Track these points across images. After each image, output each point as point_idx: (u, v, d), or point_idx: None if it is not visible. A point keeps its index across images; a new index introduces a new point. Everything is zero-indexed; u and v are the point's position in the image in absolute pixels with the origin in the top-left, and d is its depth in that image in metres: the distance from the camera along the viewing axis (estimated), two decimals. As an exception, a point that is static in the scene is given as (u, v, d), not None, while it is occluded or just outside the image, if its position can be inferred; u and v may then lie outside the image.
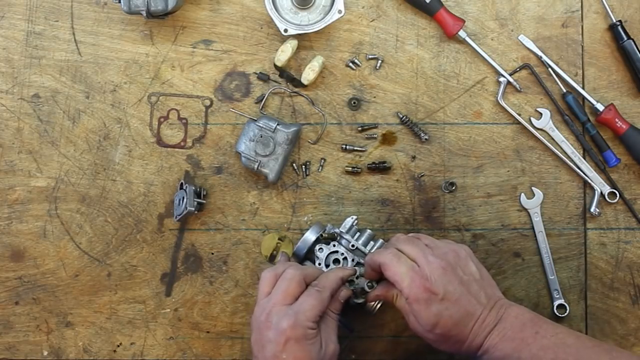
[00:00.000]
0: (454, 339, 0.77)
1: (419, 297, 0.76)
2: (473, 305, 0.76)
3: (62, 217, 0.97)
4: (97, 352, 0.97)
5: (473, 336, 0.76)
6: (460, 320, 0.76)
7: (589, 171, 0.97)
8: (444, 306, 0.75)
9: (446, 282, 0.76)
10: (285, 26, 0.94)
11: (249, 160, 0.94)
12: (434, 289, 0.75)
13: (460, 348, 0.77)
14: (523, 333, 0.75)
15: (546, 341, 0.74)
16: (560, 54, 0.98)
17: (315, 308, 0.77)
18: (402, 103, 0.98)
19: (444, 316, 0.75)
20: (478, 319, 0.76)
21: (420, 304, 0.76)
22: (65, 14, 0.99)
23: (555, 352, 0.73)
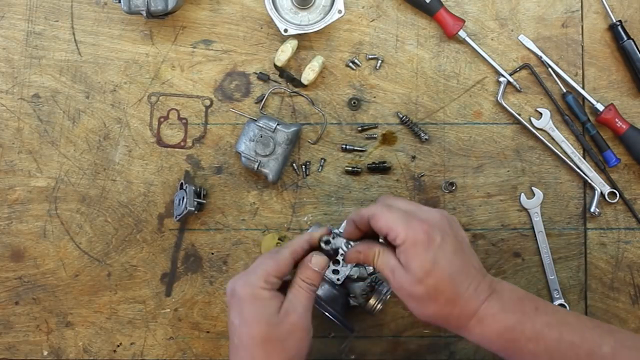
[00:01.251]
0: (445, 295, 0.67)
1: (417, 238, 0.67)
2: (469, 265, 0.69)
3: (62, 217, 0.97)
4: (97, 352, 0.97)
5: (467, 299, 0.68)
6: (455, 275, 0.68)
7: (589, 171, 0.97)
8: (442, 253, 0.67)
9: (444, 229, 0.68)
10: (285, 26, 0.94)
11: (249, 160, 0.94)
12: (432, 231, 0.67)
13: (451, 312, 0.68)
14: (523, 307, 0.69)
15: (548, 317, 0.68)
16: (560, 54, 0.98)
17: (266, 266, 0.72)
18: (402, 103, 0.98)
19: (441, 264, 0.67)
20: (474, 280, 0.68)
21: (417, 247, 0.67)
22: (65, 14, 0.99)
23: (560, 331, 0.67)
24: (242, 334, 0.71)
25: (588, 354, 0.66)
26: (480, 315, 0.68)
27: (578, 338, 0.67)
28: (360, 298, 0.87)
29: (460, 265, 0.68)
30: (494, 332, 0.68)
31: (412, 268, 0.67)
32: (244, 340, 0.70)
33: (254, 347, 0.70)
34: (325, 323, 0.94)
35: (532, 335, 0.67)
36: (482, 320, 0.68)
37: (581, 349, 0.66)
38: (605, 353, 0.66)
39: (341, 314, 0.86)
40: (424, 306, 0.69)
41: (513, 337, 0.67)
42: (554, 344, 0.67)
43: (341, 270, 0.86)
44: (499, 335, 0.68)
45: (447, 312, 0.68)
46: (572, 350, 0.66)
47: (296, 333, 0.71)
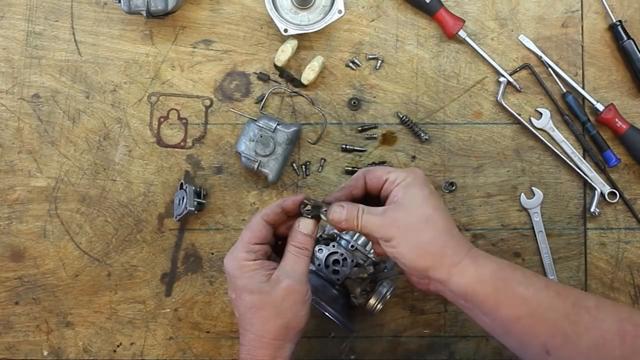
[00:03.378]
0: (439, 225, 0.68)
1: (416, 175, 0.70)
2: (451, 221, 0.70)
3: (62, 217, 0.97)
4: (97, 352, 0.97)
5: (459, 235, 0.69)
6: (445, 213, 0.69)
7: (589, 171, 0.97)
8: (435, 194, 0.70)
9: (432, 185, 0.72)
10: (285, 26, 0.94)
11: (249, 160, 0.94)
12: (426, 180, 0.71)
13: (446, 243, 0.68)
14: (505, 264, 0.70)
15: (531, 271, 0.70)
16: (560, 54, 0.98)
17: (243, 237, 0.73)
18: (402, 103, 0.98)
19: (435, 196, 0.70)
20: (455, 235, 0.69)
21: (418, 180, 0.69)
22: (65, 14, 0.99)
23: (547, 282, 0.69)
24: (239, 306, 0.73)
25: (574, 304, 0.67)
26: (474, 254, 0.68)
27: (563, 290, 0.68)
28: (360, 298, 0.87)
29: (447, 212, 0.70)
30: (487, 271, 0.68)
31: (414, 197, 0.69)
32: (242, 311, 0.73)
33: (251, 316, 0.72)
34: (325, 323, 0.94)
35: (523, 280, 0.68)
36: (476, 259, 0.68)
37: (567, 299, 0.67)
38: (589, 305, 0.67)
39: (341, 314, 0.86)
40: (418, 235, 0.68)
41: (505, 277, 0.68)
42: (543, 291, 0.67)
43: (341, 270, 0.86)
44: (492, 274, 0.67)
45: (442, 244, 0.68)
46: (559, 298, 0.67)
47: (290, 297, 0.72)
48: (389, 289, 0.88)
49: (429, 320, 0.96)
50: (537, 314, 0.67)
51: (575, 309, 0.66)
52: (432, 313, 0.96)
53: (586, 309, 0.66)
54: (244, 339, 0.73)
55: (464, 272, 0.67)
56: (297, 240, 0.74)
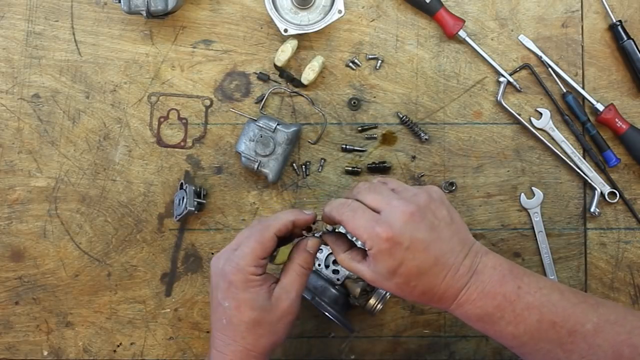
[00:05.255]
0: (419, 289, 0.68)
1: (380, 247, 0.66)
2: (445, 254, 0.67)
3: (62, 217, 0.97)
4: (97, 352, 0.97)
5: (444, 289, 0.68)
6: (429, 270, 0.67)
7: (589, 171, 0.97)
8: (410, 255, 0.66)
9: (413, 229, 0.66)
10: (285, 26, 0.94)
11: (249, 160, 0.94)
12: (397, 237, 0.66)
13: (430, 299, 0.69)
14: (504, 288, 0.68)
15: (530, 298, 0.67)
16: (560, 54, 0.98)
17: (255, 250, 0.72)
18: (402, 103, 0.98)
19: (408, 265, 0.66)
20: (451, 268, 0.67)
21: (382, 254, 0.66)
22: (65, 14, 0.99)
23: (541, 312, 0.67)
24: (233, 317, 0.72)
25: (570, 332, 0.66)
26: (460, 301, 0.68)
27: (560, 318, 0.67)
28: (360, 298, 0.87)
29: (435, 258, 0.67)
30: (472, 317, 0.69)
31: (379, 270, 0.68)
32: (234, 322, 0.72)
33: (245, 330, 0.71)
34: (325, 323, 0.94)
35: (512, 319, 0.67)
36: (462, 306, 0.68)
37: (563, 328, 0.66)
38: (587, 330, 0.66)
39: (341, 314, 0.86)
40: (402, 294, 0.70)
41: (492, 320, 0.68)
42: (535, 325, 0.67)
43: (341, 270, 0.86)
44: (478, 319, 0.69)
45: (426, 300, 0.69)
46: (554, 330, 0.66)
47: (287, 317, 0.73)
48: (389, 289, 0.88)
49: (429, 320, 0.96)
50: (529, 346, 0.68)
51: (571, 337, 0.66)
52: (432, 313, 0.96)
53: (583, 336, 0.66)
54: (227, 348, 0.72)
55: (454, 313, 0.70)
56: (304, 260, 0.75)
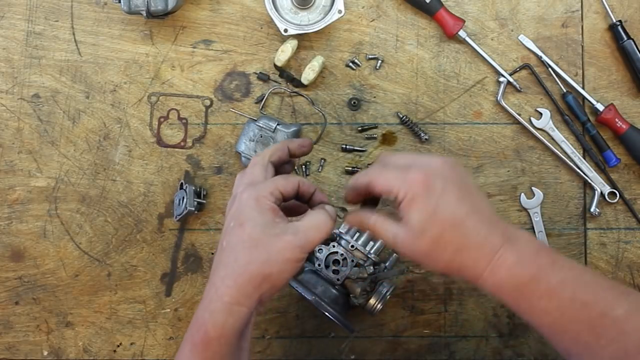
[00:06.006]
0: (452, 245, 0.64)
1: (415, 191, 0.64)
2: (475, 211, 0.65)
3: (62, 217, 0.97)
4: (97, 352, 0.97)
5: (477, 247, 0.64)
6: (460, 222, 0.64)
7: (589, 171, 0.97)
8: (443, 201, 0.64)
9: (446, 175, 0.65)
10: (285, 26, 0.94)
11: (248, 160, 0.94)
12: (431, 181, 0.64)
13: (462, 261, 0.65)
14: (539, 260, 0.65)
15: (564, 274, 0.65)
16: (560, 54, 0.98)
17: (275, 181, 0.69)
18: (402, 103, 0.98)
19: (443, 212, 0.64)
20: (483, 228, 0.65)
21: (416, 199, 0.64)
22: (65, 14, 0.99)
23: (574, 289, 0.64)
24: (233, 236, 0.67)
25: (600, 315, 0.64)
26: (494, 266, 0.64)
27: (592, 298, 0.64)
28: (360, 298, 0.87)
29: (466, 211, 0.65)
30: (506, 286, 0.65)
31: (413, 222, 0.64)
32: (232, 242, 0.67)
33: (241, 249, 0.66)
34: (325, 323, 0.94)
35: (546, 293, 0.64)
36: (496, 272, 0.65)
37: (594, 310, 0.64)
38: (617, 315, 0.64)
39: (341, 314, 0.86)
40: (434, 260, 0.66)
41: (526, 292, 0.65)
42: (567, 302, 0.64)
43: (341, 270, 0.86)
44: (511, 289, 0.65)
45: (459, 262, 0.65)
46: (585, 310, 0.64)
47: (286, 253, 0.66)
48: (389, 289, 0.88)
49: (429, 320, 0.96)
50: (559, 324, 0.65)
51: (602, 320, 0.64)
52: (432, 313, 0.96)
53: (613, 321, 0.64)
54: (215, 275, 0.67)
55: (485, 283, 0.66)
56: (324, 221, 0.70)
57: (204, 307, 0.67)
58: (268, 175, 0.72)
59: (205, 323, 0.65)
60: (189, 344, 0.66)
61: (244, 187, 0.70)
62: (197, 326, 0.66)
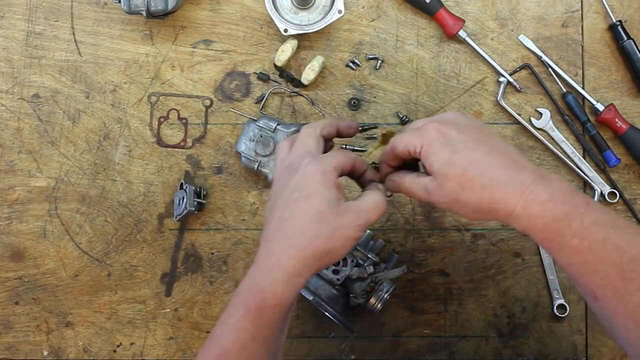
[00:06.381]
0: (479, 181, 0.64)
1: (430, 138, 0.66)
2: (498, 150, 0.66)
3: (62, 217, 0.97)
4: (97, 352, 0.97)
5: (505, 181, 0.64)
6: (483, 159, 0.65)
7: (589, 171, 0.97)
8: (461, 143, 0.65)
9: (459, 124, 0.67)
10: (285, 26, 0.94)
11: (249, 160, 0.94)
12: (445, 128, 0.66)
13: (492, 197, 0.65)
14: (573, 198, 0.64)
15: (598, 216, 0.64)
16: (560, 54, 0.98)
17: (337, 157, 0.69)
18: (402, 103, 0.98)
19: (462, 152, 0.65)
20: (509, 164, 0.65)
21: (433, 145, 0.66)
22: (65, 14, 0.99)
23: (608, 232, 0.63)
24: (298, 207, 0.67)
25: (632, 259, 0.63)
26: (526, 202, 0.64)
27: (624, 242, 0.64)
28: (360, 298, 0.87)
29: (487, 150, 0.66)
30: (540, 222, 0.64)
31: (436, 167, 0.66)
32: (297, 213, 0.67)
33: (307, 222, 0.66)
34: (325, 323, 0.94)
35: (579, 231, 0.64)
36: (529, 207, 0.64)
37: (626, 254, 0.63)
38: None
39: (341, 314, 0.86)
40: (464, 203, 0.66)
41: (559, 229, 0.64)
42: (599, 244, 0.63)
43: (341, 270, 0.86)
44: (544, 226, 0.64)
45: (488, 199, 0.65)
46: (616, 253, 0.63)
47: (346, 234, 0.67)
48: (389, 289, 0.88)
49: (429, 320, 0.96)
50: (589, 265, 0.64)
51: (633, 264, 0.63)
52: (432, 313, 0.96)
53: None
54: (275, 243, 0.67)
55: (517, 223, 0.65)
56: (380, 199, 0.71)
57: (263, 275, 0.66)
58: (320, 149, 0.72)
59: (263, 290, 0.65)
60: (242, 309, 0.65)
61: (308, 158, 0.69)
62: (254, 292, 0.65)
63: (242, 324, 0.65)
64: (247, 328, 0.65)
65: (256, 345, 0.66)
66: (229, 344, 0.65)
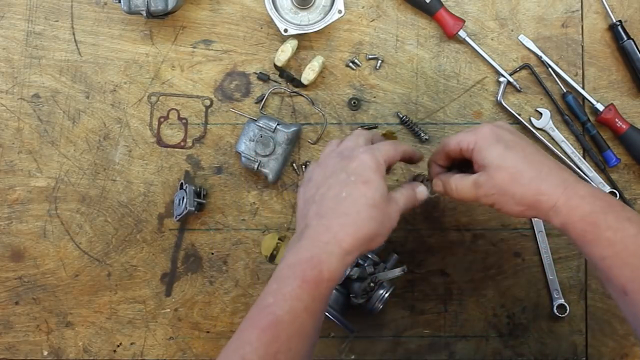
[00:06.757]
0: (527, 174, 0.71)
1: (485, 135, 0.73)
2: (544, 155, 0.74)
3: (62, 217, 0.97)
4: (97, 352, 0.97)
5: (550, 175, 0.71)
6: (531, 157, 0.72)
7: (589, 171, 0.97)
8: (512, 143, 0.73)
9: (509, 131, 0.75)
10: (285, 26, 0.94)
11: (249, 160, 0.94)
12: (498, 130, 0.74)
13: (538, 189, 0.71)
14: (608, 198, 0.72)
15: (630, 214, 0.70)
16: (560, 54, 0.98)
17: (387, 150, 0.75)
18: (402, 103, 0.98)
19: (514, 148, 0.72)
20: (554, 165, 0.73)
21: (487, 140, 0.73)
22: (65, 14, 0.99)
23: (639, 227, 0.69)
24: (356, 190, 0.71)
25: None
26: (569, 194, 0.70)
27: None
28: (360, 298, 0.87)
29: (536, 150, 0.74)
30: (578, 214, 0.70)
31: (489, 160, 0.72)
32: (355, 195, 0.71)
33: (364, 204, 0.70)
34: (325, 323, 0.94)
35: (613, 224, 0.69)
36: (570, 199, 0.70)
37: None
38: None
39: (341, 314, 0.86)
40: (512, 193, 0.72)
41: (595, 221, 0.69)
42: (632, 238, 0.68)
43: (341, 270, 0.86)
44: (582, 217, 0.70)
45: (535, 191, 0.71)
46: None
47: (389, 223, 0.73)
48: (389, 289, 0.88)
49: (429, 320, 0.96)
50: (620, 257, 0.68)
51: None
52: (432, 313, 0.96)
53: None
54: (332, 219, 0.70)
55: (557, 216, 0.71)
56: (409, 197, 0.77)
57: (320, 248, 0.69)
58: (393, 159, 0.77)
59: (321, 263, 0.68)
60: (299, 279, 0.67)
61: (363, 148, 0.75)
62: (312, 264, 0.68)
63: (298, 294, 0.67)
64: (302, 298, 0.67)
65: (307, 316, 0.68)
66: (282, 313, 0.66)
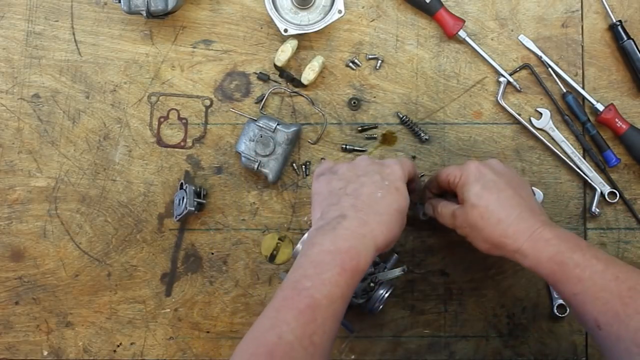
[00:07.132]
0: (496, 216, 0.77)
1: (469, 173, 0.79)
2: (519, 197, 0.78)
3: (62, 217, 0.97)
4: (97, 352, 0.97)
5: (519, 220, 0.76)
6: (505, 200, 0.77)
7: (589, 171, 0.97)
8: (492, 184, 0.78)
9: (494, 170, 0.80)
10: (285, 26, 0.94)
11: (249, 160, 0.94)
12: (483, 169, 0.79)
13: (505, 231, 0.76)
14: (575, 239, 0.75)
15: (598, 253, 0.74)
16: (560, 54, 0.98)
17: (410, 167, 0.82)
18: (402, 103, 0.98)
19: (491, 190, 0.77)
20: (525, 209, 0.77)
21: (470, 178, 0.79)
22: (65, 14, 0.99)
23: (607, 264, 0.73)
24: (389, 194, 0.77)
25: (630, 288, 0.70)
26: (533, 239, 0.75)
27: (622, 274, 0.72)
28: (360, 298, 0.87)
29: (510, 194, 0.78)
30: (544, 256, 0.74)
31: (466, 196, 0.78)
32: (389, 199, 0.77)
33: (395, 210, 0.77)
34: (325, 323, 0.94)
35: (580, 262, 0.73)
36: (536, 243, 0.75)
37: (624, 284, 0.71)
38: None
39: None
40: (480, 230, 0.78)
41: (562, 260, 0.73)
42: (599, 274, 0.72)
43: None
44: (549, 258, 0.74)
45: (500, 232, 0.76)
46: (615, 282, 0.71)
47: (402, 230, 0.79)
48: (389, 289, 0.88)
49: (429, 320, 0.96)
50: (590, 293, 0.72)
51: (630, 292, 0.70)
52: (432, 313, 0.96)
53: None
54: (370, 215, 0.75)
55: (524, 258, 0.76)
56: None
57: (359, 240, 0.74)
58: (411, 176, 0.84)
59: (359, 254, 0.73)
60: (339, 267, 0.71)
61: (394, 159, 0.82)
62: (352, 254, 0.72)
63: (337, 281, 0.71)
64: (340, 285, 0.71)
65: (342, 303, 0.72)
66: (321, 297, 0.69)
